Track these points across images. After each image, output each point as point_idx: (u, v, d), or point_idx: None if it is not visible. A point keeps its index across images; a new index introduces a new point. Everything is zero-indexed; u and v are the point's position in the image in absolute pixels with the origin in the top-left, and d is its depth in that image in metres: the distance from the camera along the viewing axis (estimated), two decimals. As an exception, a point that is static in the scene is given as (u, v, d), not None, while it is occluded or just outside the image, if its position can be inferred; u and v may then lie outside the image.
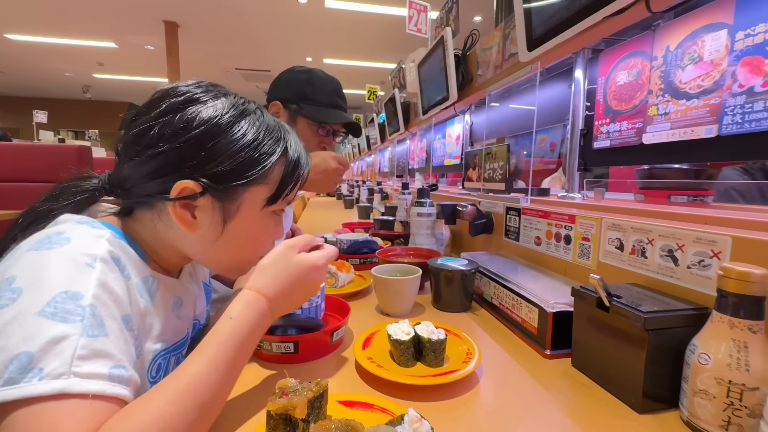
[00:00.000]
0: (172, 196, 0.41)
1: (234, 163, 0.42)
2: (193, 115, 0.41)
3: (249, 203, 0.45)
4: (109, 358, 0.33)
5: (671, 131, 0.86)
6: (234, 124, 0.43)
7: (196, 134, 0.41)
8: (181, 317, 0.50)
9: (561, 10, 0.65)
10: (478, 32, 1.26)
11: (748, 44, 0.71)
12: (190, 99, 0.42)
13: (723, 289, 0.40)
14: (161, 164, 0.41)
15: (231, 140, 0.42)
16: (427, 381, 0.48)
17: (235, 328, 0.40)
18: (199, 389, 0.35)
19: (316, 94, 1.00)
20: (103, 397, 0.31)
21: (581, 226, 0.70)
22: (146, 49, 6.56)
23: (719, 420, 0.40)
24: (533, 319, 0.62)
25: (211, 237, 0.45)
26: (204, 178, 0.41)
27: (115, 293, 0.36)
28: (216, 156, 0.41)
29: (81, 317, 0.32)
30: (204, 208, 0.43)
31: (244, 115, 0.44)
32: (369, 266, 1.10)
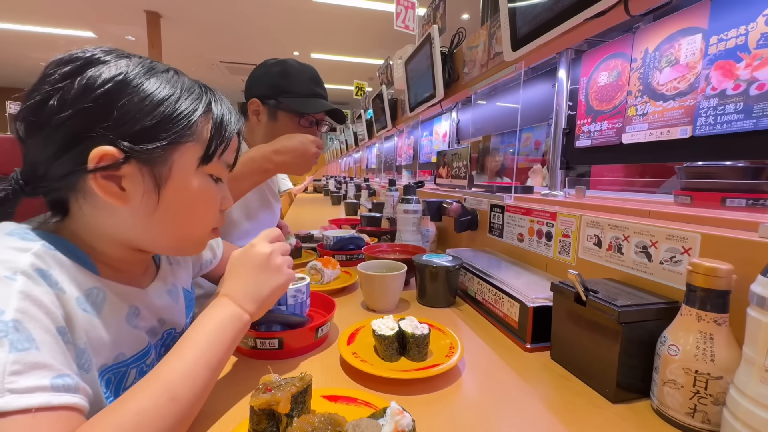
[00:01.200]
0: (90, 166, 0.36)
1: (154, 119, 0.38)
2: (96, 74, 0.37)
3: (181, 164, 0.41)
4: (47, 368, 0.30)
5: (648, 131, 0.89)
6: (145, 80, 0.39)
7: (103, 92, 0.36)
8: (139, 327, 0.46)
9: (544, 11, 0.66)
10: (465, 30, 1.27)
11: (721, 48, 0.73)
12: (88, 61, 0.37)
13: (691, 284, 0.42)
14: (69, 134, 0.36)
15: (145, 96, 0.38)
16: (411, 375, 0.49)
17: (204, 323, 0.41)
18: (176, 384, 0.35)
19: (293, 85, 0.98)
20: (50, 408, 0.29)
21: (562, 223, 0.72)
22: (127, 39, 6.35)
23: (686, 408, 0.42)
24: (514, 314, 0.63)
25: (148, 208, 0.41)
26: (123, 140, 0.37)
27: (45, 305, 0.33)
28: (131, 114, 0.37)
29: (4, 333, 0.29)
30: (131, 177, 0.39)
31: (154, 72, 0.40)
32: (355, 263, 1.11)
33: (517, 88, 1.44)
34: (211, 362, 0.40)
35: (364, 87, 3.51)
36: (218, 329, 0.42)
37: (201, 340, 0.40)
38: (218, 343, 0.41)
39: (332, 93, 1.18)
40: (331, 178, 5.52)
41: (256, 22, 5.55)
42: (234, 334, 0.43)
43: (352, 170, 5.89)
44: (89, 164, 0.36)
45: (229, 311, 0.44)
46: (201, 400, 0.39)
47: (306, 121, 1.01)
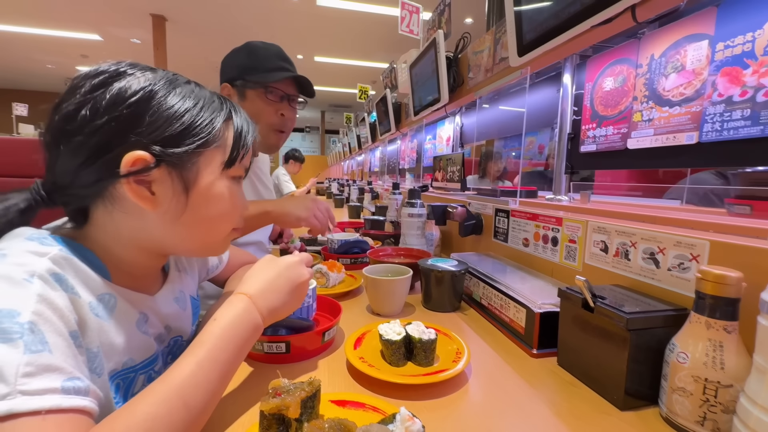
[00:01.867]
0: (123, 171, 0.38)
1: (181, 125, 0.40)
2: (126, 86, 0.39)
3: (207, 167, 0.43)
4: (59, 371, 0.31)
5: (654, 137, 0.89)
6: (170, 91, 0.41)
7: (135, 101, 0.38)
8: (148, 334, 0.47)
9: (551, 17, 0.67)
10: (470, 35, 1.28)
11: (728, 55, 0.74)
12: (116, 73, 0.39)
13: (700, 291, 0.42)
14: (102, 141, 0.38)
15: (172, 104, 0.40)
16: (418, 380, 0.49)
17: (219, 328, 0.40)
18: (186, 390, 0.35)
19: (259, 62, 0.96)
20: (60, 410, 0.30)
21: (568, 229, 0.72)
22: (132, 42, 6.42)
23: (696, 416, 0.42)
24: (521, 319, 0.63)
25: (176, 211, 0.42)
26: (154, 145, 0.39)
27: (59, 309, 0.34)
28: (161, 121, 0.39)
29: (20, 335, 0.30)
30: (161, 181, 0.40)
31: (178, 83, 0.43)
32: (360, 266, 1.11)
33: (522, 93, 1.44)
34: (225, 368, 0.40)
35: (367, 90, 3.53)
36: (233, 333, 0.41)
37: (216, 346, 0.39)
38: (233, 349, 0.41)
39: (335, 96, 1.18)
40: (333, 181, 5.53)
41: (260, 25, 5.59)
42: (248, 339, 0.43)
43: (354, 173, 5.90)
44: (122, 169, 0.38)
45: (243, 307, 0.44)
46: (213, 406, 0.39)
47: (274, 96, 0.98)
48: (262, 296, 0.46)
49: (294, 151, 4.38)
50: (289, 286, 0.49)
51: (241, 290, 0.46)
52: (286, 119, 1.02)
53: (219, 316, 0.42)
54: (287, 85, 0.99)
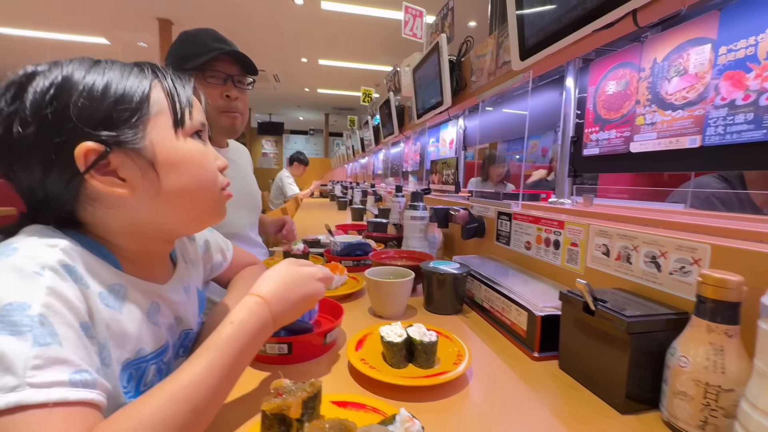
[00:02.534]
0: (82, 168, 0.37)
1: (110, 104, 0.38)
2: (37, 85, 0.37)
3: (158, 136, 0.41)
4: (67, 364, 0.32)
5: (657, 140, 0.89)
6: (82, 74, 0.39)
7: (51, 96, 0.37)
8: (159, 324, 0.47)
9: (552, 22, 0.67)
10: (473, 39, 1.28)
11: (731, 59, 0.74)
12: (27, 77, 0.38)
13: (701, 295, 0.42)
14: (46, 148, 0.37)
15: (90, 86, 0.38)
16: (419, 382, 0.49)
17: (235, 332, 0.40)
18: (194, 394, 0.35)
19: (192, 49, 0.92)
20: (67, 403, 0.30)
21: (570, 232, 0.72)
22: (139, 46, 6.48)
23: (697, 420, 0.42)
24: (522, 322, 0.63)
25: (153, 189, 0.41)
26: (95, 132, 0.37)
27: (69, 300, 0.34)
28: (86, 106, 0.38)
29: (29, 327, 0.31)
30: (124, 165, 0.39)
31: (90, 65, 0.40)
32: (362, 268, 1.11)
33: (524, 96, 1.44)
34: (234, 372, 0.40)
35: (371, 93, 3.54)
36: (246, 338, 0.41)
37: (228, 350, 0.39)
38: (244, 353, 0.41)
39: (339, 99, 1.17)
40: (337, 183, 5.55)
41: (265, 29, 5.63)
42: (258, 343, 0.44)
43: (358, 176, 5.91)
44: (79, 165, 0.37)
45: (261, 315, 0.44)
46: (219, 408, 0.39)
47: (215, 78, 0.93)
48: (277, 303, 0.46)
49: (299, 153, 4.40)
50: (303, 300, 0.49)
51: (259, 292, 0.45)
52: (234, 100, 0.97)
53: (234, 318, 0.41)
54: (227, 65, 0.95)
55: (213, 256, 0.70)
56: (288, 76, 7.91)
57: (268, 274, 0.49)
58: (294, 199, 4.11)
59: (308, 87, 8.99)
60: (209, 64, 0.92)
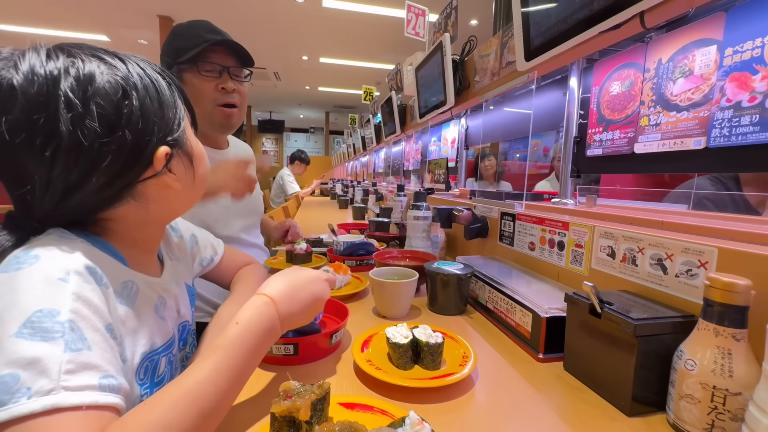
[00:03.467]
0: (160, 167, 0.42)
1: (171, 111, 0.44)
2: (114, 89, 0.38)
3: (189, 134, 0.48)
4: (96, 369, 0.33)
5: (662, 141, 0.89)
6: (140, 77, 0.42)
7: (137, 106, 0.40)
8: (165, 318, 0.50)
9: (559, 22, 0.67)
10: (476, 38, 1.28)
11: (736, 60, 0.73)
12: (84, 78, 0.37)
13: (709, 299, 0.42)
14: (132, 149, 0.39)
15: (152, 93, 0.42)
16: (425, 384, 0.49)
17: (242, 333, 0.40)
18: (201, 397, 0.35)
19: (186, 42, 0.89)
20: (97, 406, 0.31)
21: (574, 233, 0.72)
22: (139, 43, 6.46)
23: (704, 423, 0.42)
24: (527, 324, 0.63)
25: (189, 181, 0.48)
26: (167, 137, 0.43)
27: (94, 304, 0.36)
28: (159, 113, 0.43)
29: (61, 333, 0.32)
30: (176, 162, 0.45)
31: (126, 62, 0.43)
32: (365, 268, 1.11)
33: (527, 95, 1.44)
34: (241, 374, 0.40)
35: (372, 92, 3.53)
36: (253, 340, 0.41)
37: (235, 352, 0.39)
38: (251, 355, 0.41)
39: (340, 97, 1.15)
40: (338, 182, 5.54)
41: (266, 27, 5.61)
42: (266, 345, 0.43)
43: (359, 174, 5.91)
44: (157, 167, 0.42)
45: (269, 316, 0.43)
46: (227, 410, 0.39)
47: (210, 71, 0.90)
48: (285, 303, 0.46)
49: (300, 152, 4.39)
50: (311, 300, 0.50)
51: (265, 291, 0.46)
52: (231, 92, 0.93)
53: (241, 318, 0.41)
54: (222, 57, 0.91)
55: (202, 251, 0.71)
56: (289, 73, 7.89)
57: (275, 276, 0.49)
58: (295, 197, 4.11)
59: (309, 85, 8.97)
60: (203, 56, 0.89)
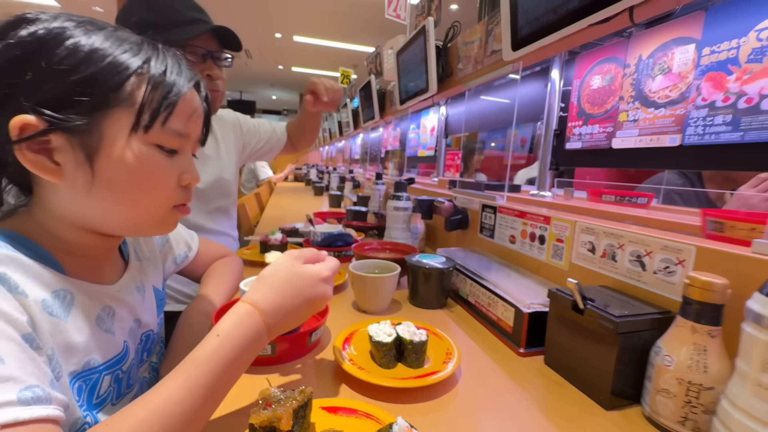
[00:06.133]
0: (14, 137, 0.33)
1: (72, 82, 0.34)
2: (17, 34, 0.33)
3: (110, 134, 0.36)
4: (13, 381, 0.28)
5: (639, 137, 0.91)
6: (71, 34, 0.34)
7: (22, 52, 0.33)
8: (112, 330, 0.43)
9: (548, 12, 0.65)
10: (460, 24, 1.25)
11: (713, 60, 0.75)
12: (21, 20, 0.34)
13: (688, 297, 0.43)
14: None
15: (66, 53, 0.34)
16: (410, 384, 0.48)
17: (221, 347, 0.36)
18: (169, 418, 0.31)
19: (166, 16, 0.79)
20: (19, 423, 0.27)
21: (556, 228, 0.72)
22: (94, 10, 5.94)
23: (677, 416, 0.43)
24: (509, 318, 0.64)
25: (84, 183, 0.36)
26: (43, 107, 0.33)
27: (7, 314, 0.31)
28: (51, 76, 0.33)
29: None
30: (62, 149, 0.35)
31: (89, 25, 0.36)
32: (344, 259, 1.09)
33: (507, 86, 1.44)
34: (218, 392, 0.36)
35: (350, 75, 3.44)
36: (236, 355, 0.37)
37: (213, 368, 0.35)
38: (231, 373, 0.37)
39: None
40: (312, 167, 5.42)
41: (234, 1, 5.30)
42: (249, 359, 0.39)
43: (335, 159, 5.80)
44: (12, 135, 0.33)
45: (253, 327, 0.39)
46: (200, 429, 0.35)
47: (195, 56, 0.82)
48: (273, 313, 0.40)
49: (272, 135, 4.23)
50: (307, 308, 0.43)
51: (252, 300, 0.40)
52: (215, 80, 0.87)
53: (223, 331, 0.37)
54: (207, 41, 0.84)
55: (174, 249, 0.66)
56: (260, 52, 7.54)
57: (266, 276, 0.43)
58: (267, 182, 3.98)
59: (282, 64, 8.62)
60: (187, 39, 0.80)
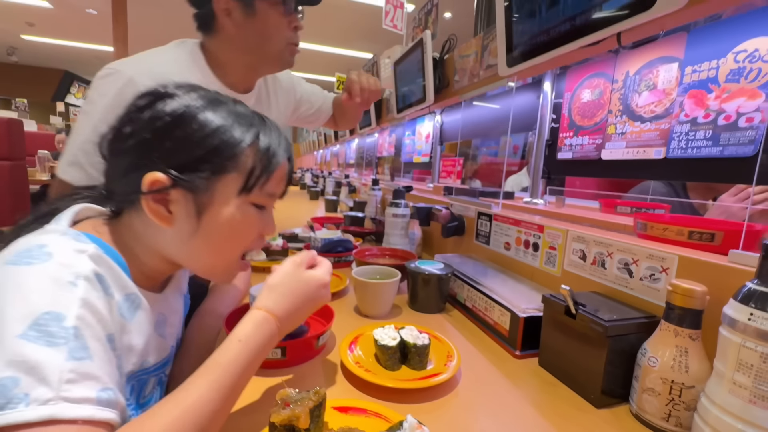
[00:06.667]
0: (144, 189, 0.40)
1: (199, 151, 0.41)
2: (163, 107, 0.42)
3: (221, 194, 0.43)
4: (96, 380, 0.32)
5: (626, 149, 0.95)
6: (201, 112, 0.42)
7: (163, 124, 0.41)
8: (165, 335, 0.49)
9: (542, 33, 0.70)
10: (456, 37, 1.29)
11: (695, 79, 0.80)
12: (161, 95, 0.43)
13: (671, 303, 0.47)
14: (133, 158, 0.42)
15: (196, 128, 0.41)
16: (415, 384, 0.51)
17: (242, 351, 0.39)
18: (201, 415, 0.34)
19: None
20: (92, 422, 0.30)
21: (549, 236, 0.76)
22: (87, 12, 5.90)
23: (662, 413, 0.47)
24: (505, 322, 0.67)
25: (188, 231, 0.43)
26: (172, 169, 0.40)
27: (99, 312, 0.35)
28: (182, 145, 0.41)
29: (65, 340, 0.31)
30: (178, 201, 0.42)
31: (214, 104, 0.43)
32: (344, 265, 1.11)
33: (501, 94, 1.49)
34: (238, 391, 0.39)
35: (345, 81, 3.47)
36: (254, 357, 0.40)
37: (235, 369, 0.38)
38: (249, 372, 0.40)
39: (309, 82, 1.12)
40: (307, 171, 5.43)
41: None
42: (264, 357, 0.43)
43: (329, 164, 5.82)
44: (143, 187, 0.40)
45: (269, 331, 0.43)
46: (222, 423, 0.38)
47: (289, 6, 0.81)
48: (285, 318, 0.45)
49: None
50: (310, 311, 0.49)
51: (267, 306, 0.44)
52: (299, 31, 0.87)
53: (244, 336, 0.40)
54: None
55: None
56: (256, 56, 7.54)
57: (275, 284, 0.46)
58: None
59: (277, 69, 8.61)
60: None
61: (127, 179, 0.42)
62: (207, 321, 0.64)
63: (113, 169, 0.44)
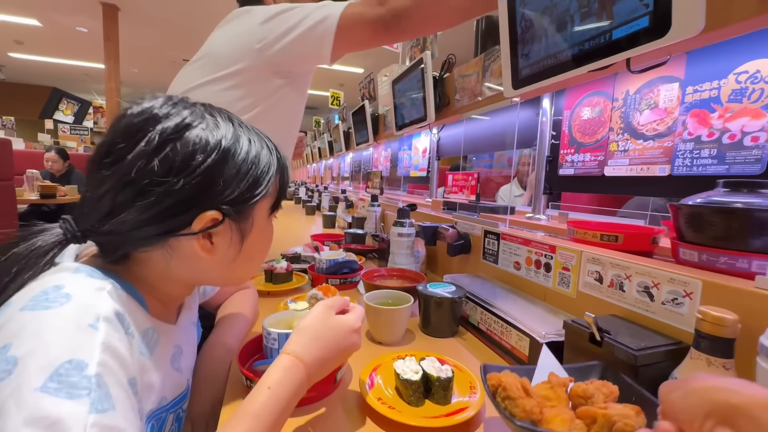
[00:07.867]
0: (197, 229, 0.40)
1: (246, 184, 0.42)
2: (197, 143, 0.39)
3: (259, 217, 0.46)
4: (118, 430, 0.30)
5: (629, 166, 0.97)
6: (235, 144, 0.42)
7: (209, 164, 0.39)
8: (181, 369, 0.47)
9: (548, 57, 0.70)
10: (455, 57, 1.31)
11: (696, 98, 0.82)
12: (180, 125, 0.39)
13: (700, 331, 0.46)
14: (177, 201, 0.39)
15: (238, 162, 0.42)
16: (443, 422, 0.49)
17: (271, 399, 0.38)
18: None
19: None
20: None
21: (561, 257, 0.76)
22: (77, 30, 5.87)
23: (697, 445, 0.46)
24: (524, 348, 0.66)
25: (229, 257, 0.45)
26: (223, 205, 0.41)
27: (121, 356, 0.34)
28: (230, 181, 0.41)
29: (87, 390, 0.29)
30: (222, 233, 0.43)
31: (237, 132, 0.44)
32: (349, 286, 1.09)
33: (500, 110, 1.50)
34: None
35: (340, 97, 3.50)
36: (284, 401, 0.39)
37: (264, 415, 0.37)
38: (281, 417, 0.39)
39: None
40: (301, 185, 5.41)
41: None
42: (294, 404, 0.42)
43: (323, 177, 5.81)
44: (195, 227, 0.40)
45: (298, 378, 0.42)
46: None
47: None
48: (315, 366, 0.44)
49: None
50: (342, 358, 0.48)
51: (296, 353, 0.43)
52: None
53: (273, 383, 0.39)
54: None
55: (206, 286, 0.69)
56: (247, 71, 7.57)
57: (305, 329, 0.46)
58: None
59: (269, 83, 8.64)
60: None
61: (162, 223, 0.39)
62: (216, 353, 0.62)
63: (141, 212, 0.38)
